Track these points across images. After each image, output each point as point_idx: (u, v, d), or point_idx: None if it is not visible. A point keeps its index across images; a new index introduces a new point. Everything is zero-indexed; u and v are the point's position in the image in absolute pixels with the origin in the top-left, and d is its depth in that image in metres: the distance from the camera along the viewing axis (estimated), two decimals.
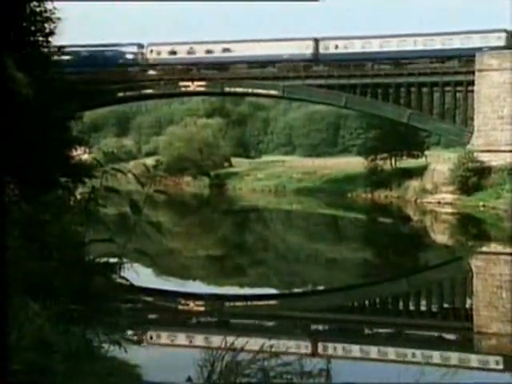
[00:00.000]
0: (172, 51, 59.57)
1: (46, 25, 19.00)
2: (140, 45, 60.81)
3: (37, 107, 14.54)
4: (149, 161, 55.54)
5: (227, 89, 58.87)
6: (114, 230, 6.51)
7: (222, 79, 57.84)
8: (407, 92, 54.48)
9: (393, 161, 64.46)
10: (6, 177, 10.54)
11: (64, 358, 5.77)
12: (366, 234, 40.68)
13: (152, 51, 59.98)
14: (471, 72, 51.18)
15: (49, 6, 18.81)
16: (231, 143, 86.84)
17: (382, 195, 57.43)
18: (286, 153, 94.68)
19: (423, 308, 19.87)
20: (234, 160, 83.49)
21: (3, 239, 4.42)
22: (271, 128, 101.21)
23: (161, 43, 60.40)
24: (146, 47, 60.48)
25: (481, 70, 50.78)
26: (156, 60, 59.74)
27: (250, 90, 59.15)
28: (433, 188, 51.83)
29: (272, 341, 8.51)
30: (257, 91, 59.20)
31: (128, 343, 6.59)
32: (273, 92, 58.53)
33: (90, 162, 20.28)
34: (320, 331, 16.65)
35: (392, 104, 54.57)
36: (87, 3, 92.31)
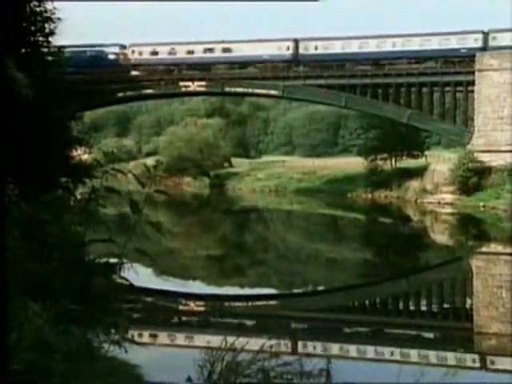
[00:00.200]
0: (154, 52, 59.81)
1: (46, 25, 19.00)
2: (122, 45, 60.97)
3: (37, 107, 14.53)
4: (149, 161, 55.49)
5: (227, 89, 58.92)
6: (114, 230, 6.51)
7: (223, 79, 57.90)
8: (407, 92, 54.49)
9: (393, 161, 64.46)
10: (6, 177, 10.54)
11: (64, 358, 5.77)
12: (366, 234, 40.68)
13: (134, 52, 60.21)
14: (471, 72, 51.26)
15: (49, 6, 18.82)
16: (231, 143, 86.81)
17: (382, 195, 57.42)
18: (286, 153, 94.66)
19: (423, 308, 19.87)
20: (234, 160, 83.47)
21: (3, 239, 4.42)
22: (271, 128, 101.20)
23: (143, 44, 60.71)
24: (128, 48, 60.73)
25: (481, 70, 50.78)
26: (137, 60, 59.94)
27: (250, 90, 59.19)
28: (433, 188, 51.82)
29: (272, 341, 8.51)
30: (257, 91, 59.25)
31: (128, 343, 6.59)
32: (273, 92, 58.56)
33: (90, 162, 20.25)
34: (321, 331, 16.64)
35: (392, 104, 54.55)
36: (87, 3, 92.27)
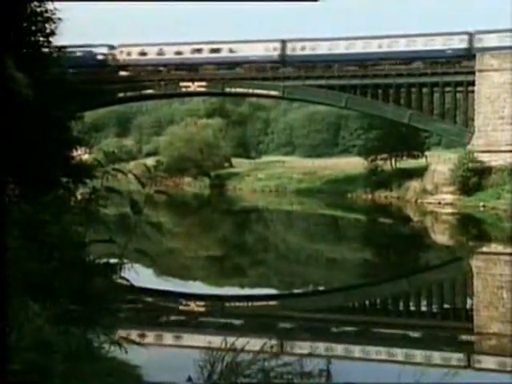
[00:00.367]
0: (142, 52, 59.95)
1: (47, 25, 19.02)
2: (111, 46, 61.09)
3: (37, 107, 14.54)
4: (149, 161, 55.52)
5: (228, 89, 59.00)
6: (115, 231, 6.51)
7: (223, 79, 57.98)
8: (408, 92, 54.56)
9: (393, 161, 64.47)
10: (6, 177, 10.54)
11: (64, 358, 5.77)
12: (366, 235, 40.66)
13: (122, 52, 60.35)
14: (470, 72, 51.35)
15: (49, 7, 18.84)
16: (231, 143, 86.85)
17: (382, 196, 57.42)
18: (287, 153, 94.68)
19: (424, 308, 19.87)
20: (235, 160, 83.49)
21: (3, 239, 4.42)
22: (271, 128, 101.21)
23: (131, 44, 60.93)
24: (117, 48, 60.91)
25: (481, 71, 50.79)
26: (126, 61, 60.12)
27: (251, 91, 59.26)
28: (433, 188, 51.82)
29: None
30: (257, 92, 59.32)
31: (128, 343, 6.59)
32: (273, 92, 58.61)
33: (91, 163, 20.28)
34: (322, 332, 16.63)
35: (393, 104, 54.58)
36: (87, 3, 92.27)
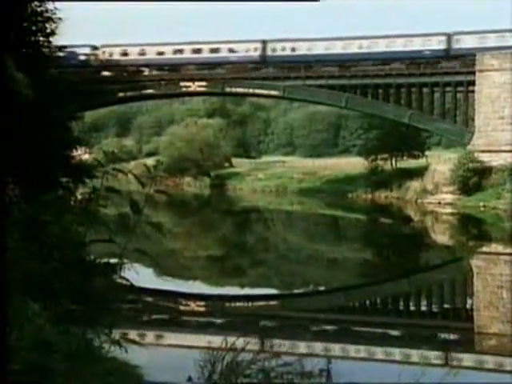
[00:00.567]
0: (124, 53, 60.12)
1: (47, 25, 19.00)
2: (94, 46, 61.25)
3: (37, 107, 14.53)
4: (149, 161, 55.50)
5: (228, 89, 59.09)
6: (115, 231, 6.51)
7: (223, 79, 58.06)
8: (408, 92, 54.63)
9: (393, 161, 64.48)
10: (6, 177, 10.54)
11: (64, 358, 5.76)
12: (367, 235, 40.68)
13: (104, 52, 60.54)
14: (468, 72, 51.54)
15: (50, 6, 18.83)
16: (232, 143, 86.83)
17: (383, 196, 57.43)
18: (287, 153, 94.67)
19: (424, 308, 19.87)
20: (235, 160, 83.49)
21: (3, 239, 4.42)
22: (272, 128, 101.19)
23: (113, 45, 61.23)
24: (99, 48, 61.18)
25: (481, 71, 50.80)
26: (108, 61, 60.35)
27: (251, 91, 59.34)
28: (433, 188, 51.81)
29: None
30: (257, 91, 59.39)
31: (128, 343, 6.59)
32: (273, 92, 58.68)
33: (91, 163, 20.26)
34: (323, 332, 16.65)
35: (393, 104, 54.65)
36: (87, 3, 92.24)
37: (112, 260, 7.42)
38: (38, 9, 18.26)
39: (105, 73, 60.87)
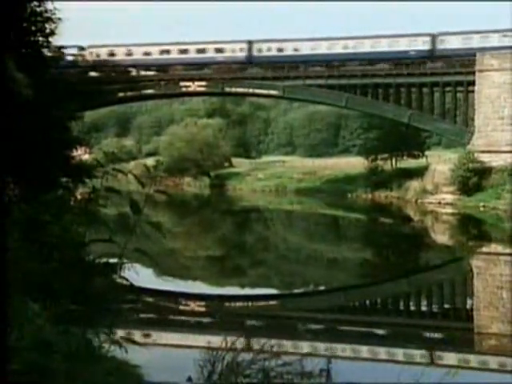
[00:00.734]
0: (111, 53, 60.20)
1: (47, 25, 19.01)
2: (81, 47, 61.34)
3: (37, 107, 14.54)
4: (149, 161, 55.61)
5: (227, 89, 59.06)
6: (115, 230, 6.50)
7: (223, 79, 58.02)
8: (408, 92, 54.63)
9: (393, 161, 64.46)
10: (6, 177, 10.54)
11: (64, 358, 5.77)
12: (367, 234, 40.68)
13: (92, 53, 60.66)
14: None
15: (49, 7, 18.84)
16: (232, 143, 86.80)
17: (383, 195, 57.41)
18: (287, 153, 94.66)
19: (424, 308, 19.87)
20: (235, 160, 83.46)
21: (3, 240, 4.42)
22: (272, 128, 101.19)
23: (100, 45, 61.31)
24: (86, 49, 61.26)
25: (481, 71, 50.79)
26: (95, 62, 60.42)
27: (251, 90, 59.32)
28: (433, 188, 51.80)
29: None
30: (257, 91, 59.37)
31: (128, 343, 6.59)
32: (273, 92, 58.64)
33: (91, 163, 20.26)
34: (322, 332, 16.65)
35: (393, 104, 54.64)
36: (87, 3, 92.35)
37: (112, 260, 7.43)
38: (38, 9, 18.27)
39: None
